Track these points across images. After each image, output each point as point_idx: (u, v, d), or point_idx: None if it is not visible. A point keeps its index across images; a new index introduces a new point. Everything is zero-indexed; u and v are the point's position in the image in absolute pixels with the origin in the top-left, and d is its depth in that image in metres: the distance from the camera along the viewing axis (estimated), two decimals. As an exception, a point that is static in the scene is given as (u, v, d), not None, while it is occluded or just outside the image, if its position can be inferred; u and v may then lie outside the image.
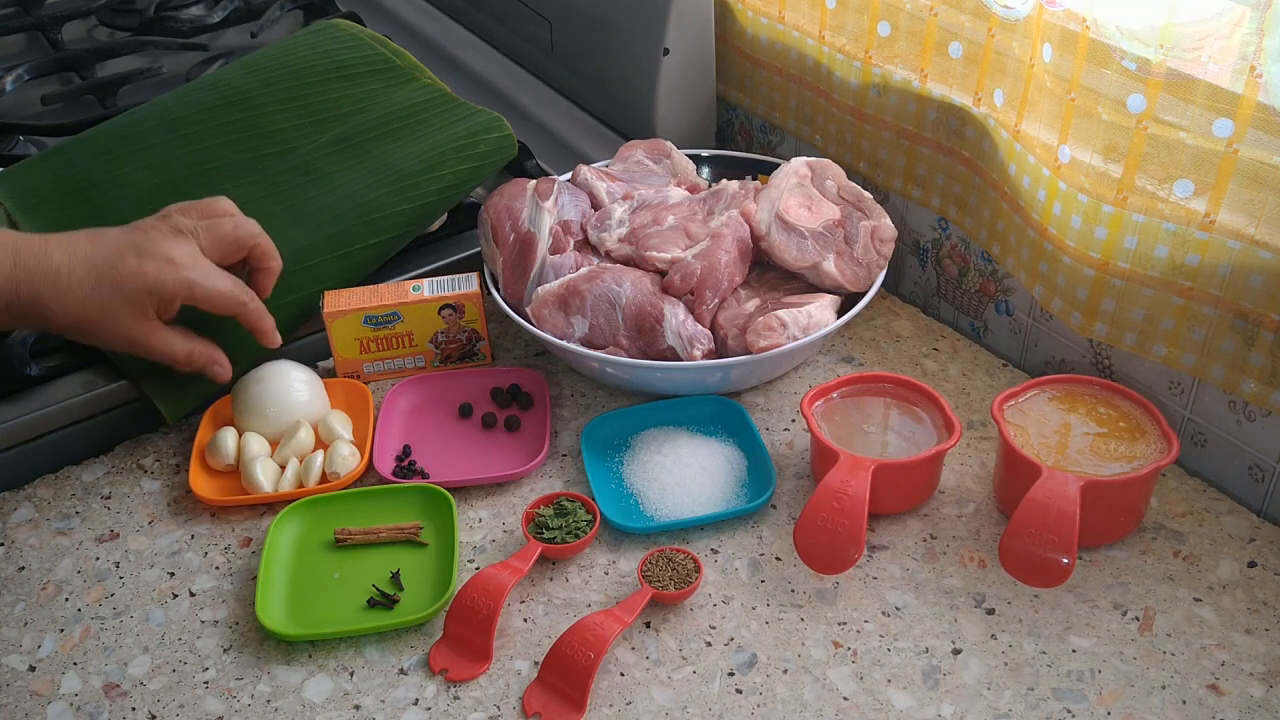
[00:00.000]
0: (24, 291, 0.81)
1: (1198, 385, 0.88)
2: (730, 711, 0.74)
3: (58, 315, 0.83)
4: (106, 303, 0.83)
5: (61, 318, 0.83)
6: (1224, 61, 0.75)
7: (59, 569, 0.86)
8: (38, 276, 0.81)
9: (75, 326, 0.84)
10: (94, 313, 0.83)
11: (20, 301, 0.81)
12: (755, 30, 1.15)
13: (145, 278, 0.84)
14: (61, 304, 0.82)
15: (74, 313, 0.83)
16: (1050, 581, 0.77)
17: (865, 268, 0.98)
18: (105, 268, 0.84)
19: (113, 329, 0.85)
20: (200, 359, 0.90)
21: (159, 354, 0.87)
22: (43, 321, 0.83)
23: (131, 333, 0.85)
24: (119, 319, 0.84)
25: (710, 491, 0.88)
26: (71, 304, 0.82)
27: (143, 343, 0.86)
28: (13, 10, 1.52)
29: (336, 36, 1.23)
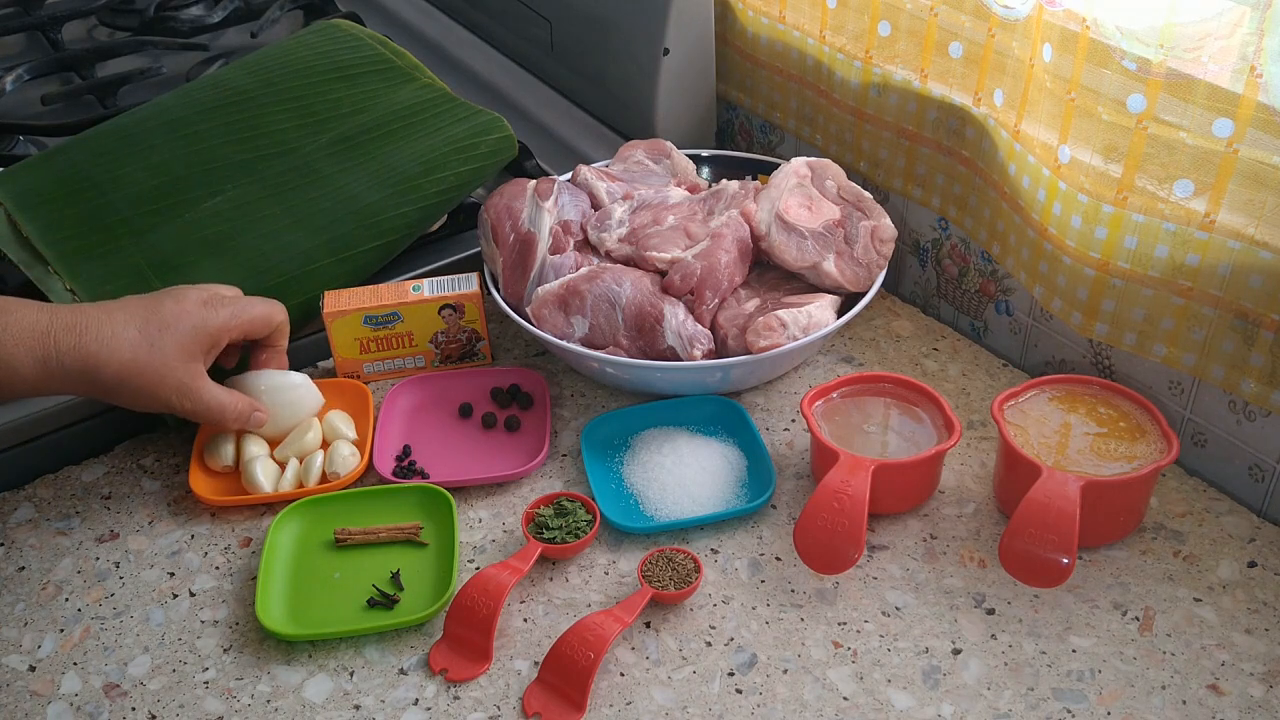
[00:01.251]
0: (63, 344, 0.79)
1: (1198, 385, 0.88)
2: (730, 711, 0.74)
3: (105, 364, 0.79)
4: (155, 343, 0.81)
5: (109, 366, 0.80)
6: (1224, 61, 0.75)
7: (59, 569, 0.86)
8: (78, 328, 0.79)
9: (122, 376, 0.80)
10: (143, 355, 0.81)
11: (60, 356, 0.78)
12: (755, 30, 1.15)
13: (191, 315, 0.83)
14: (109, 350, 0.79)
15: (123, 357, 0.80)
16: (1050, 581, 0.77)
17: (865, 268, 0.98)
18: (148, 311, 0.82)
19: (162, 373, 0.82)
20: (244, 407, 0.88)
21: (207, 403, 0.85)
22: (88, 375, 0.80)
23: (182, 377, 0.83)
24: (169, 362, 0.82)
25: (710, 491, 0.88)
26: (120, 347, 0.80)
27: (192, 390, 0.84)
28: (13, 10, 1.52)
29: (336, 37, 1.23)
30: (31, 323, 0.78)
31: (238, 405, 0.88)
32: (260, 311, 0.89)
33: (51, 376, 0.79)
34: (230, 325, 0.86)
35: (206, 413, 0.86)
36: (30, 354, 0.78)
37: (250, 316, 0.88)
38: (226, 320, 0.86)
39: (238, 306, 0.87)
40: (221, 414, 0.87)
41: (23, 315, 0.79)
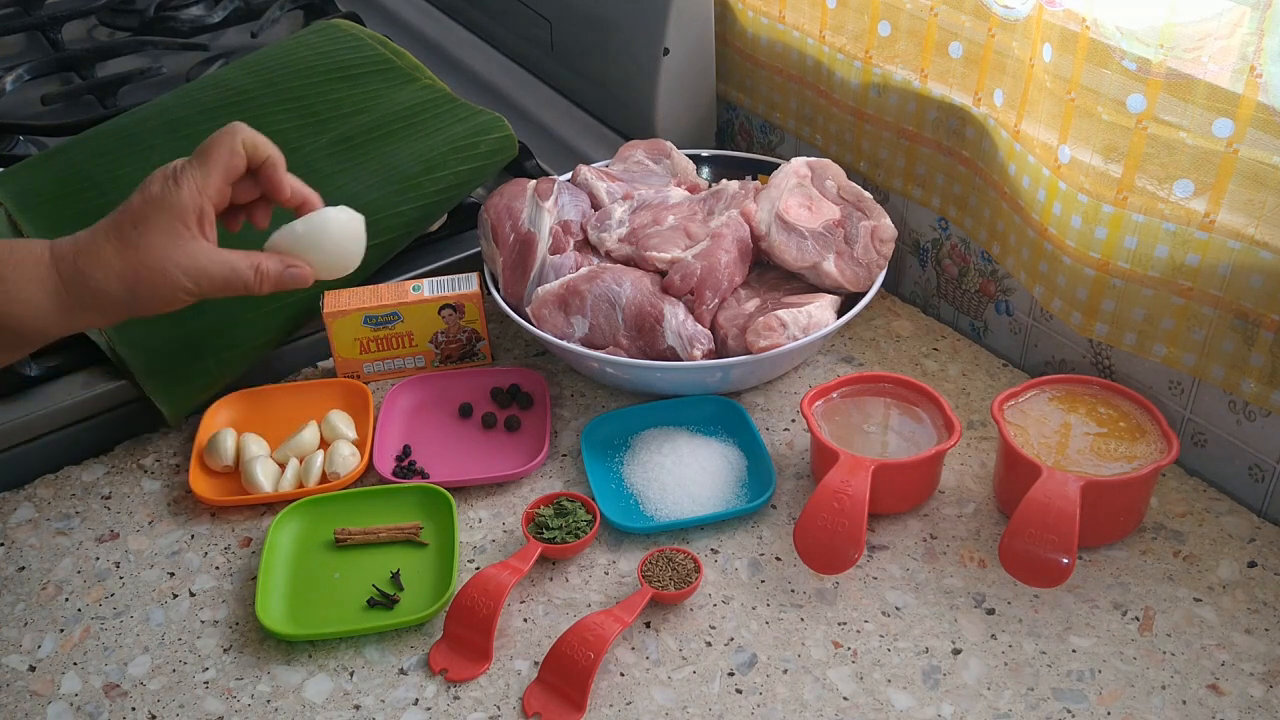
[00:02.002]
0: (65, 271, 0.75)
1: (1198, 385, 0.88)
2: (730, 711, 0.74)
3: (104, 283, 0.75)
4: (138, 244, 0.76)
5: (109, 284, 0.75)
6: (1224, 61, 0.75)
7: (59, 569, 0.86)
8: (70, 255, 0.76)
9: (127, 286, 0.76)
10: (132, 259, 0.76)
11: (64, 285, 0.75)
12: (755, 30, 1.15)
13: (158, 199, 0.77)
14: (103, 267, 0.75)
15: (115, 269, 0.75)
16: (1050, 581, 0.77)
17: (865, 268, 0.98)
18: (120, 215, 0.77)
19: (160, 267, 0.76)
20: (272, 267, 0.80)
21: (223, 278, 0.78)
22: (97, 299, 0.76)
23: (179, 260, 0.76)
24: (158, 254, 0.76)
25: (710, 491, 0.88)
26: (109, 259, 0.75)
27: (196, 268, 0.77)
28: (13, 10, 1.52)
29: (337, 37, 1.23)
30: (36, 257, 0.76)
31: (259, 267, 0.80)
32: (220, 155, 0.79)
33: (68, 310, 0.76)
34: (202, 188, 0.78)
35: (225, 282, 0.79)
36: (42, 289, 0.76)
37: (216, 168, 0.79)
38: (196, 187, 0.78)
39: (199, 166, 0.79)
40: (240, 277, 0.79)
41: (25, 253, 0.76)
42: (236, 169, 0.81)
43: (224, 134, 0.81)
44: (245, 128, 0.81)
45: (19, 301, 0.74)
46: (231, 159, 0.80)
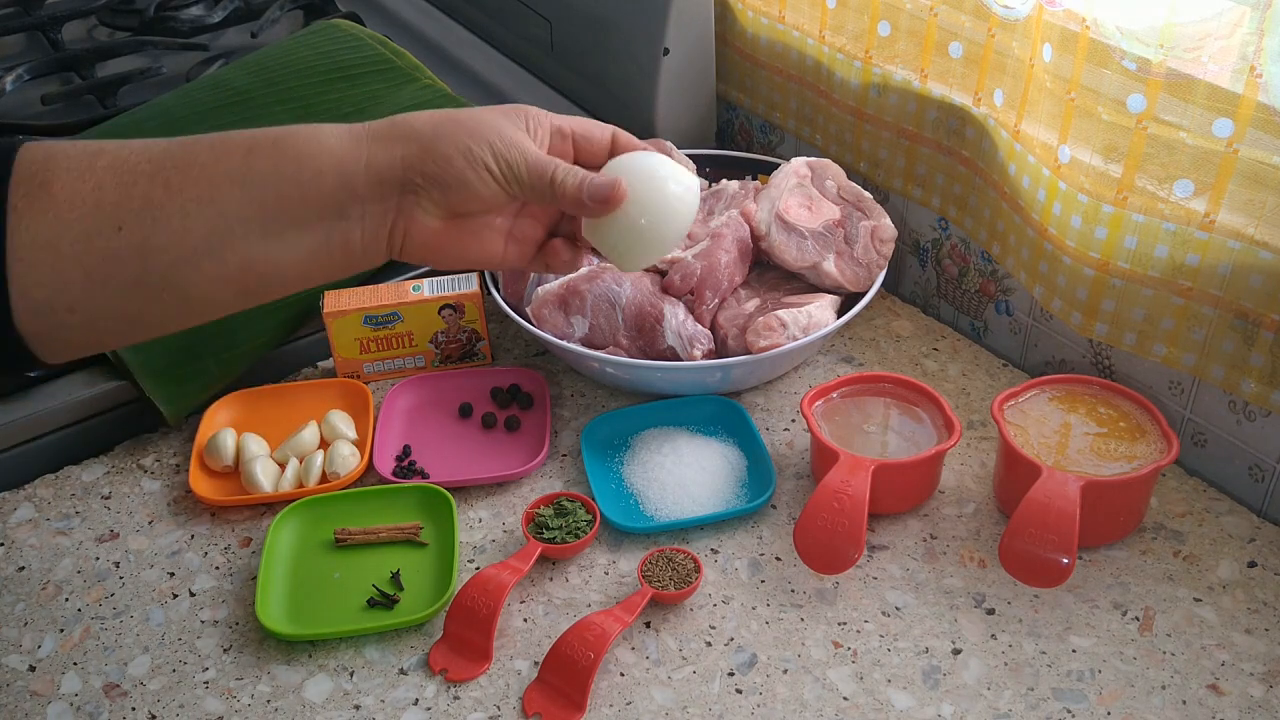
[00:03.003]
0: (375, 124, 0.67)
1: (1198, 385, 0.88)
2: (730, 711, 0.74)
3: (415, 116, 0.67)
4: (470, 109, 0.69)
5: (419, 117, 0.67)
6: (1224, 61, 0.75)
7: (59, 569, 0.86)
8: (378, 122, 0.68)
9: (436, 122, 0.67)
10: (455, 112, 0.68)
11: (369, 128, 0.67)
12: (755, 30, 1.15)
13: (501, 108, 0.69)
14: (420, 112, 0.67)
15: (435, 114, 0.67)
16: (1050, 581, 0.77)
17: (865, 268, 0.98)
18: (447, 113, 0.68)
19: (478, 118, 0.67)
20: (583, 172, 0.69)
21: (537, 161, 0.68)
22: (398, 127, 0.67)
23: (502, 124, 0.68)
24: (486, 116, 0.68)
25: (710, 491, 0.88)
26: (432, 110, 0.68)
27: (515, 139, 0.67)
28: (13, 10, 1.52)
29: (337, 37, 1.23)
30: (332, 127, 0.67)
31: (575, 168, 0.69)
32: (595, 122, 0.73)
33: (357, 141, 0.66)
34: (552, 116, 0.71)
35: (535, 164, 0.68)
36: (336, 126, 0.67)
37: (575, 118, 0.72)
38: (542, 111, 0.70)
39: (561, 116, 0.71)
40: (551, 168, 0.68)
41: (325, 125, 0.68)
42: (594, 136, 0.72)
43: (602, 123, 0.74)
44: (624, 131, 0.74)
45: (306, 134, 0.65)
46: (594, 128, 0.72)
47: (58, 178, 0.60)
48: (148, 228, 0.61)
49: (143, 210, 0.61)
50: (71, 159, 0.61)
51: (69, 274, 0.60)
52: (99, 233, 0.60)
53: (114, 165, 0.62)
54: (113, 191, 0.61)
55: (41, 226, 0.59)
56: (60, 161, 0.61)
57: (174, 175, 0.62)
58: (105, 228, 0.61)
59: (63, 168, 0.61)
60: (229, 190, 0.63)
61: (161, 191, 0.62)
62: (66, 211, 0.60)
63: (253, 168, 0.63)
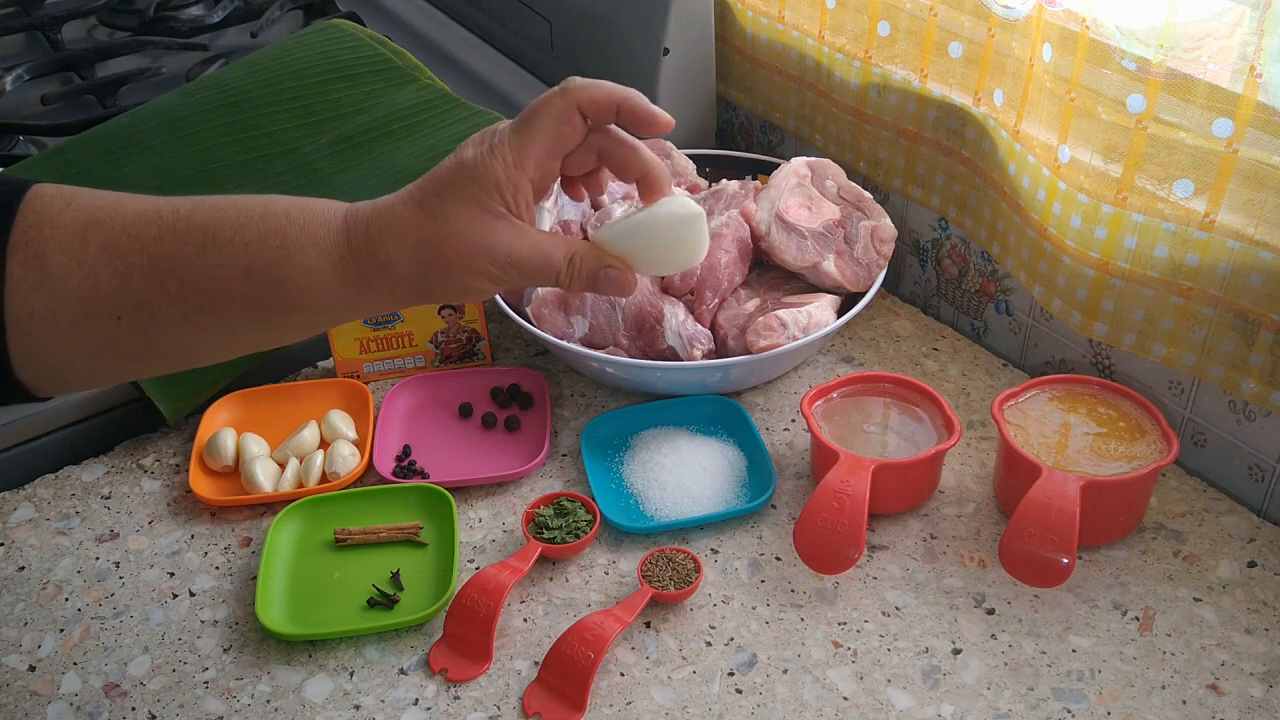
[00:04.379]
0: (355, 239, 0.64)
1: (1198, 385, 0.88)
2: (730, 711, 0.74)
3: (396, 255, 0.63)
4: (446, 210, 0.64)
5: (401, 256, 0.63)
6: (1224, 61, 0.75)
7: (59, 569, 0.86)
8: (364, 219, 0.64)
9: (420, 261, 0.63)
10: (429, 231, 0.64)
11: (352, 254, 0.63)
12: (755, 30, 1.15)
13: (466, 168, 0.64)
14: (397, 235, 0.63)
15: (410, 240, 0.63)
16: (1050, 581, 0.77)
17: (865, 268, 0.98)
18: (424, 182, 0.65)
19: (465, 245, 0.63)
20: (588, 263, 0.67)
21: (531, 265, 0.65)
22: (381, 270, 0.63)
23: (489, 241, 0.64)
24: (470, 228, 0.63)
25: (710, 491, 0.88)
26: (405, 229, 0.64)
27: (510, 252, 0.64)
28: (13, 10, 1.52)
29: (336, 37, 1.23)
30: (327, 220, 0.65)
31: (573, 252, 0.66)
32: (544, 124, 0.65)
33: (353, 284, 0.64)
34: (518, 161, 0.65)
35: (533, 270, 0.65)
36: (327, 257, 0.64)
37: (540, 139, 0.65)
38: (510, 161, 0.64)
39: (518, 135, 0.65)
40: (551, 265, 0.66)
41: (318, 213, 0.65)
42: (566, 140, 0.67)
43: (554, 95, 0.67)
44: (582, 84, 0.67)
45: (299, 267, 0.63)
46: (560, 129, 0.66)
47: (52, 253, 0.59)
48: (147, 323, 0.61)
49: (140, 306, 0.60)
50: (65, 231, 0.59)
51: (69, 344, 0.60)
52: (98, 317, 0.60)
53: (106, 249, 0.60)
54: (107, 282, 0.60)
55: (38, 301, 0.59)
56: (54, 233, 0.59)
57: (169, 280, 0.61)
58: (103, 314, 0.60)
59: (56, 242, 0.59)
60: (230, 308, 0.62)
61: (158, 294, 0.61)
62: (62, 293, 0.59)
63: (252, 295, 0.63)
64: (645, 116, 0.68)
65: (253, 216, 0.63)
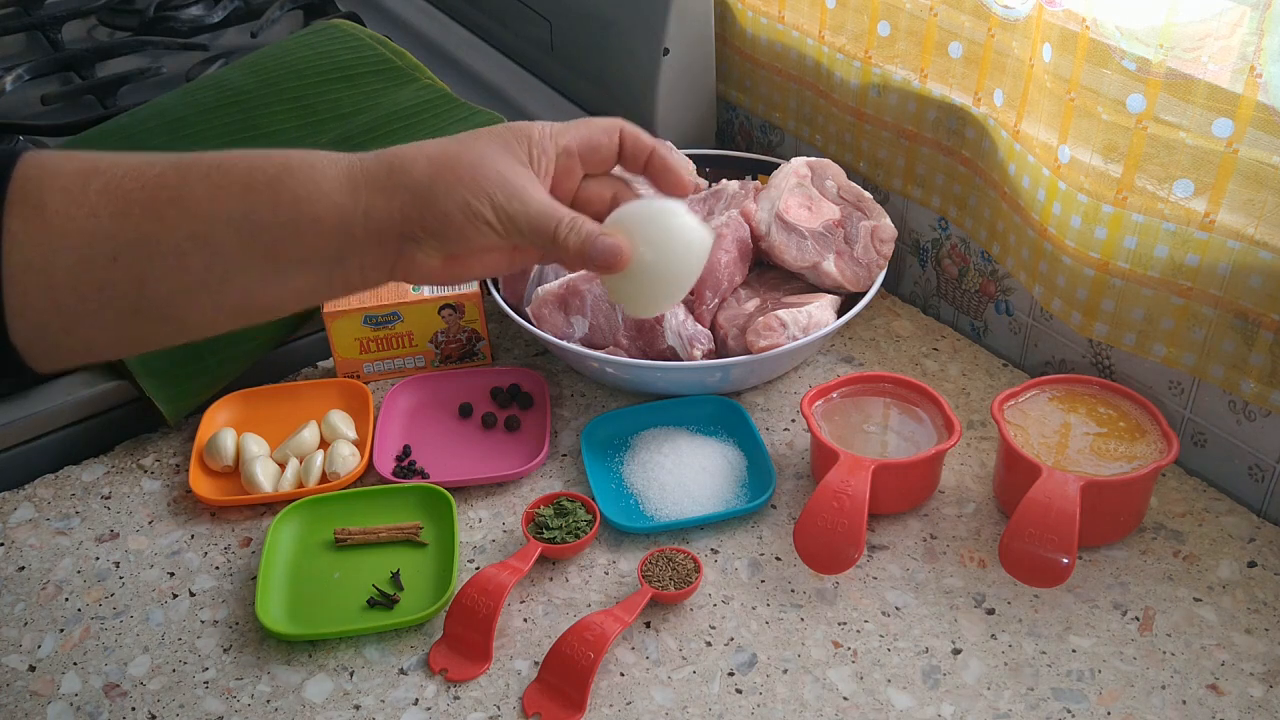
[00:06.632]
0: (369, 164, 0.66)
1: (1198, 385, 0.88)
2: (730, 711, 0.74)
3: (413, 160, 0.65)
4: (464, 142, 0.66)
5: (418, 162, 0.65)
6: (1224, 61, 0.75)
7: (59, 569, 0.86)
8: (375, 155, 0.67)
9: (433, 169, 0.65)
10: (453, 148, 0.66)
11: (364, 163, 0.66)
12: (755, 30, 1.15)
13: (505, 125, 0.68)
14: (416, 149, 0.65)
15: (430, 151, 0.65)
16: (1050, 581, 0.77)
17: (865, 268, 0.98)
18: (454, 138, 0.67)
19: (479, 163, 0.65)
20: (589, 226, 0.67)
21: (535, 210, 0.66)
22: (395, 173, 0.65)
23: (504, 169, 0.65)
24: (485, 153, 0.65)
25: (710, 491, 0.88)
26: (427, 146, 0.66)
27: (518, 187, 0.65)
28: (13, 10, 1.52)
29: (337, 37, 1.23)
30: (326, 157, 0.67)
31: (577, 223, 0.66)
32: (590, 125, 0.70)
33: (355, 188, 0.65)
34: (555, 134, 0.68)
35: (533, 217, 0.66)
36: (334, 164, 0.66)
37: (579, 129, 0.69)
38: (550, 129, 0.68)
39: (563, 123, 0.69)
40: (553, 216, 0.66)
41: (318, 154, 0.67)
42: (600, 145, 0.69)
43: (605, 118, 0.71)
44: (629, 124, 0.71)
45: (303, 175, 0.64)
46: (600, 134, 0.69)
47: (52, 199, 0.60)
48: (143, 262, 0.61)
49: (137, 242, 0.61)
50: (66, 178, 0.60)
51: (64, 300, 0.60)
52: (94, 262, 0.60)
53: (107, 189, 0.61)
54: (107, 220, 0.60)
55: (36, 252, 0.59)
56: (55, 181, 0.60)
57: (169, 209, 0.61)
58: (100, 257, 0.60)
59: (57, 188, 0.60)
60: (226, 232, 0.62)
61: (156, 225, 0.61)
62: (60, 239, 0.59)
63: (250, 210, 0.63)
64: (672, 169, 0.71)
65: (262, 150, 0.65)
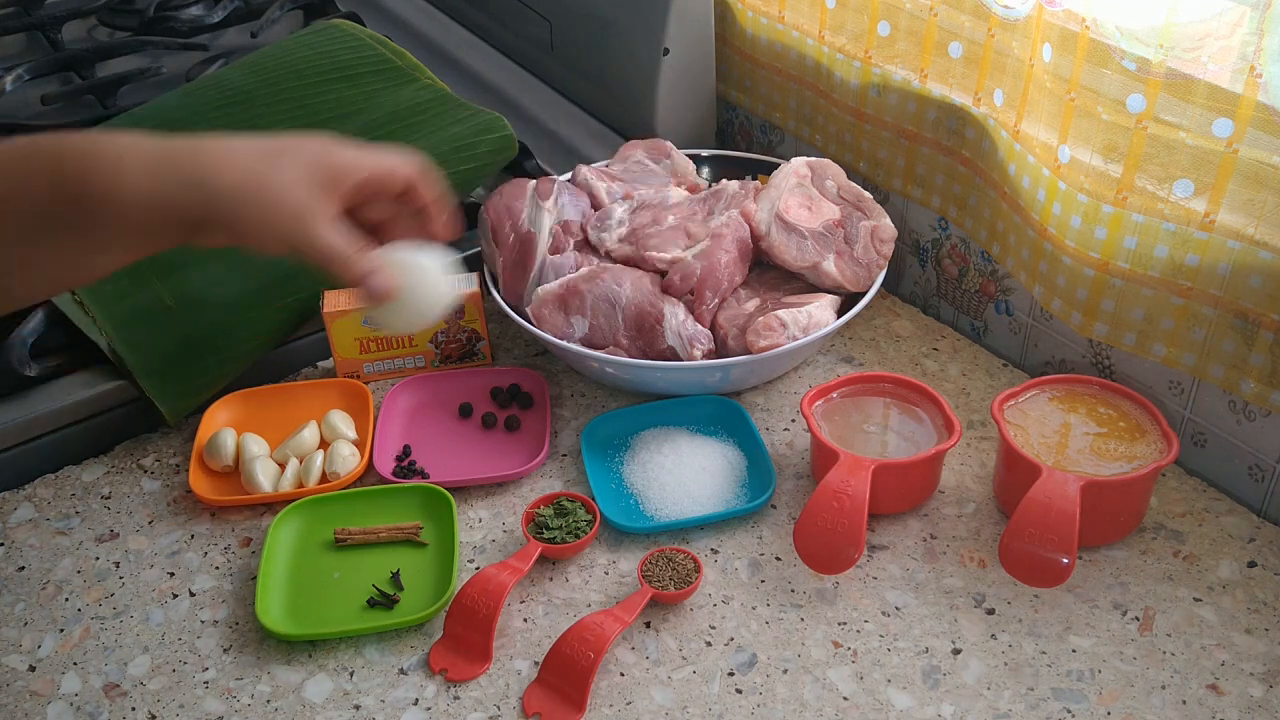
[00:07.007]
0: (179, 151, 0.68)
1: (1198, 385, 0.88)
2: (730, 711, 0.74)
3: (221, 172, 0.68)
4: (274, 163, 0.70)
5: (225, 174, 0.68)
6: (1224, 61, 0.75)
7: (59, 569, 0.86)
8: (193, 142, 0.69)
9: (238, 189, 0.69)
10: (261, 169, 0.70)
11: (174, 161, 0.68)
12: (755, 30, 1.15)
13: (313, 145, 0.73)
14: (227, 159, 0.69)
15: (240, 165, 0.69)
16: (1050, 581, 0.77)
17: (865, 268, 0.98)
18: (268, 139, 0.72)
19: (281, 195, 0.70)
20: (366, 262, 0.73)
21: (327, 242, 0.72)
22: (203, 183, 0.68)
23: (304, 202, 0.71)
24: (288, 184, 0.70)
25: (710, 491, 0.88)
26: (238, 158, 0.69)
27: (311, 222, 0.71)
28: (13, 10, 1.52)
29: (337, 37, 1.23)
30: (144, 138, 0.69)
31: (361, 259, 0.73)
32: (387, 159, 0.76)
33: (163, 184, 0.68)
34: (357, 164, 0.74)
35: (324, 253, 0.73)
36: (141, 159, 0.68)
37: (378, 161, 0.76)
38: (353, 159, 0.74)
39: (366, 150, 0.76)
40: (340, 261, 0.73)
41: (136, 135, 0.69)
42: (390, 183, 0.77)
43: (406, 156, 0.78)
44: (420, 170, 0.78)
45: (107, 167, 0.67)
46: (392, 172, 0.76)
47: None
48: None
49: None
50: None
51: None
52: None
53: None
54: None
55: None
56: None
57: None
58: None
59: None
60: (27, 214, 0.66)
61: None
62: None
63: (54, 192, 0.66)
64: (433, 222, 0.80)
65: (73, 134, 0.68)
